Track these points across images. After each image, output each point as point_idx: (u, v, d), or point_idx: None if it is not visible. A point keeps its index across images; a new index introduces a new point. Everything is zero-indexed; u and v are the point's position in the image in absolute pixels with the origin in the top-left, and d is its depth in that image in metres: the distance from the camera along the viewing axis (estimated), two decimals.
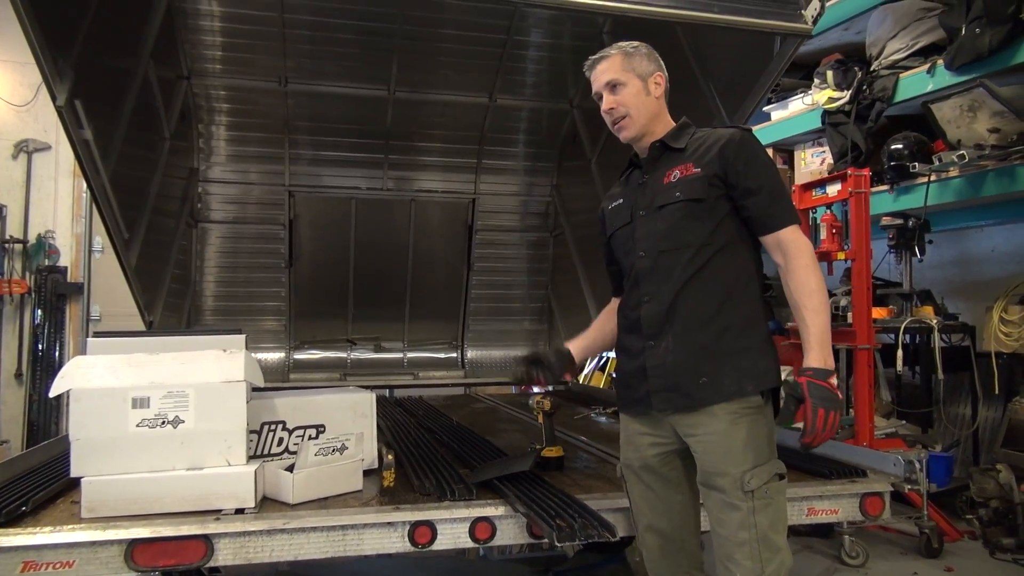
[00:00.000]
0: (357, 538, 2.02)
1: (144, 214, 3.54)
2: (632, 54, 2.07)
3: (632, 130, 2.08)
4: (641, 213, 2.05)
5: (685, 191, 1.96)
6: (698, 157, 1.99)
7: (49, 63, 2.40)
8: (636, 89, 2.05)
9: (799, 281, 1.88)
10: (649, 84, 2.07)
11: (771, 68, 3.06)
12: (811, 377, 1.79)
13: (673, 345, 1.93)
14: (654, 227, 2.01)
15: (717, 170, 1.95)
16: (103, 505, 1.95)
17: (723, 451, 1.86)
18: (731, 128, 2.05)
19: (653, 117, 2.08)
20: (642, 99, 2.06)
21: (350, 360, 4.94)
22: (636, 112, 2.06)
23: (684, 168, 2.00)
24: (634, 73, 2.06)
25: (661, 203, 2.00)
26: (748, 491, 1.82)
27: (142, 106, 3.41)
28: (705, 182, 1.95)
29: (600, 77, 2.08)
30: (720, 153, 1.96)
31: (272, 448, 2.40)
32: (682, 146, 2.04)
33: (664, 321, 1.95)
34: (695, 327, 1.92)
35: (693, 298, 1.93)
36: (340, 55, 4.08)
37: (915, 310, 4.50)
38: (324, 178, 4.65)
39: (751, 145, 2.00)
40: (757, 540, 1.81)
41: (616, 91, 2.06)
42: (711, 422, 1.87)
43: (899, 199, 4.79)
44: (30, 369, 6.00)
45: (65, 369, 2.06)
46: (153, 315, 3.71)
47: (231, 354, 2.17)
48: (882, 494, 2.37)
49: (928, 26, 4.75)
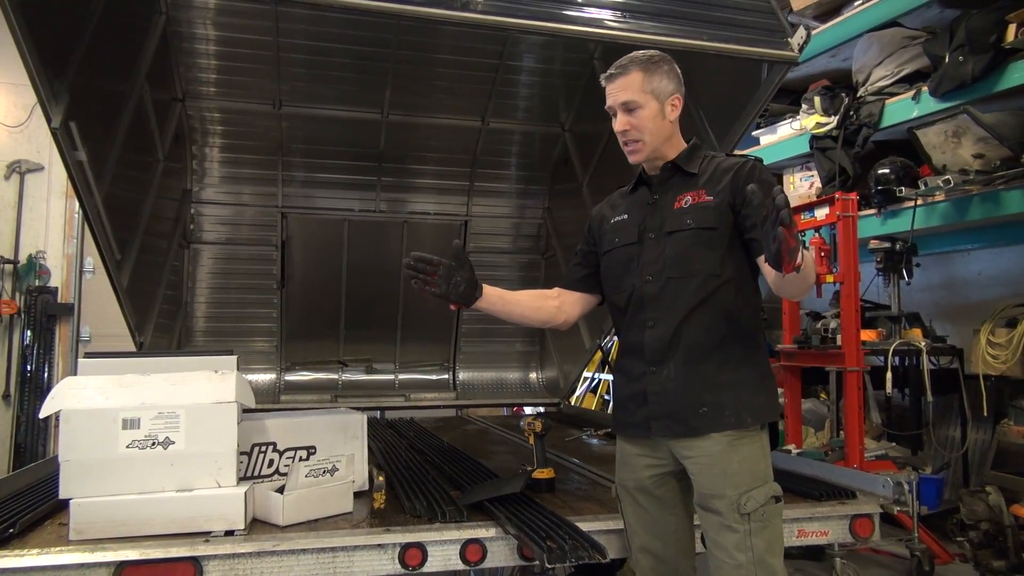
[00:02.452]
0: (347, 560, 2.01)
1: (136, 235, 3.54)
2: (653, 71, 1.98)
3: (643, 154, 2.03)
4: (650, 236, 2.01)
5: (697, 219, 1.94)
6: (710, 184, 1.97)
7: (45, 85, 2.42)
8: (653, 112, 1.98)
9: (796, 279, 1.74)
10: (666, 106, 2.00)
11: (759, 94, 3.12)
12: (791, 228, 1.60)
13: (675, 373, 1.92)
14: (663, 252, 1.97)
15: (729, 198, 1.93)
16: (92, 527, 1.94)
17: (719, 473, 1.86)
18: (742, 156, 2.03)
19: (666, 140, 2.02)
20: (658, 123, 1.99)
21: (341, 382, 4.93)
22: (650, 137, 2.00)
23: (696, 195, 1.97)
24: (653, 94, 1.98)
25: (672, 229, 1.96)
26: (744, 513, 1.82)
27: (136, 128, 3.43)
28: (717, 211, 1.93)
29: (617, 94, 2.00)
30: (732, 182, 1.94)
31: (263, 469, 2.39)
32: (695, 171, 2.01)
33: (667, 348, 1.94)
34: (698, 356, 1.91)
35: (698, 327, 1.92)
36: (334, 79, 4.13)
37: (903, 332, 4.54)
38: (317, 200, 4.67)
39: (763, 172, 1.98)
40: (754, 563, 1.80)
41: (632, 113, 1.98)
42: (708, 445, 1.88)
43: (886, 223, 4.84)
44: (18, 390, 5.96)
45: (56, 390, 2.06)
46: (144, 336, 3.69)
47: (222, 375, 2.17)
48: (871, 515, 2.38)
49: (913, 54, 4.84)
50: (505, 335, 5.19)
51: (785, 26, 2.81)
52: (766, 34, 2.81)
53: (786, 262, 1.58)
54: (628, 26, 2.66)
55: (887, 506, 2.40)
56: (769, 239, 1.57)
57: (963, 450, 4.73)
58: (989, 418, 4.66)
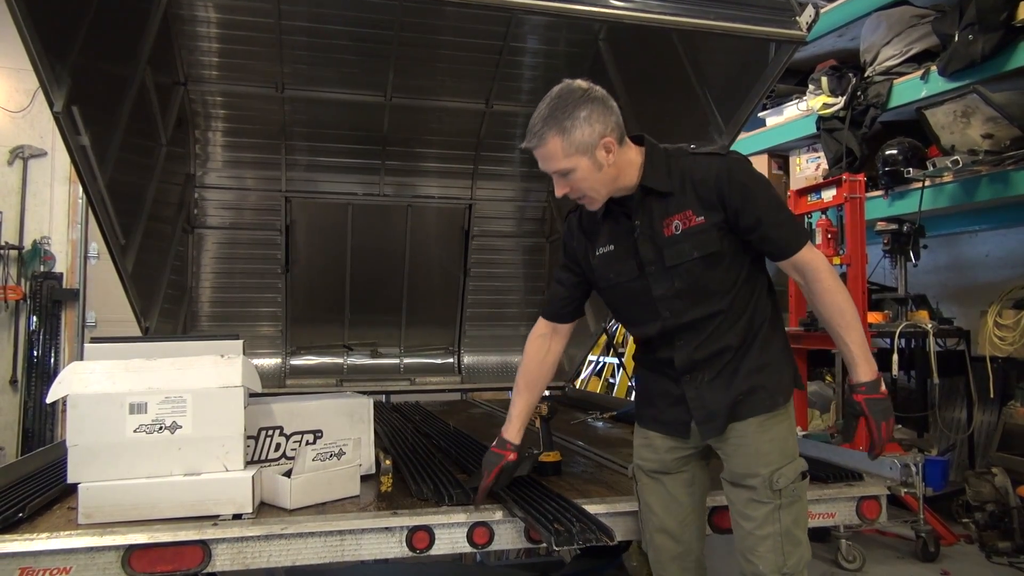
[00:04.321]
0: (355, 543, 2.01)
1: (140, 220, 3.53)
2: (570, 129, 1.81)
3: (598, 203, 1.94)
4: (651, 269, 1.93)
5: (699, 246, 1.87)
6: (693, 201, 1.87)
7: (46, 69, 2.40)
8: (586, 171, 1.85)
9: (827, 302, 1.87)
10: (598, 155, 1.84)
11: (766, 74, 3.08)
12: (866, 393, 1.84)
13: (710, 376, 1.95)
14: (672, 286, 1.92)
15: (722, 215, 1.87)
16: (100, 511, 1.95)
17: (752, 453, 1.90)
18: (713, 156, 1.91)
19: (615, 180, 1.90)
20: (596, 176, 1.87)
21: (347, 366, 4.93)
22: (593, 191, 1.90)
23: (684, 217, 1.88)
24: (577, 153, 1.83)
25: (674, 262, 1.89)
26: (776, 489, 1.87)
27: (139, 112, 3.41)
28: (714, 231, 1.87)
29: (543, 164, 1.89)
30: (718, 195, 1.86)
31: (270, 453, 2.40)
32: (669, 189, 1.90)
33: (698, 361, 1.95)
34: (729, 357, 1.93)
35: (725, 335, 1.93)
36: (337, 61, 4.09)
37: (910, 315, 4.52)
38: (321, 184, 4.65)
39: (740, 173, 1.88)
40: (781, 534, 1.86)
41: (565, 176, 1.88)
42: (741, 427, 1.92)
43: (894, 204, 4.82)
44: (25, 376, 5.98)
45: (62, 375, 2.06)
46: (149, 321, 3.69)
47: (228, 359, 2.16)
48: (878, 498, 2.38)
49: (921, 32, 4.79)
50: (510, 319, 5.19)
51: (793, 4, 2.76)
52: (774, 13, 2.77)
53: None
54: (633, 6, 2.62)
55: (894, 488, 2.40)
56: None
57: (969, 432, 4.73)
58: (995, 400, 4.66)
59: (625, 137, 1.91)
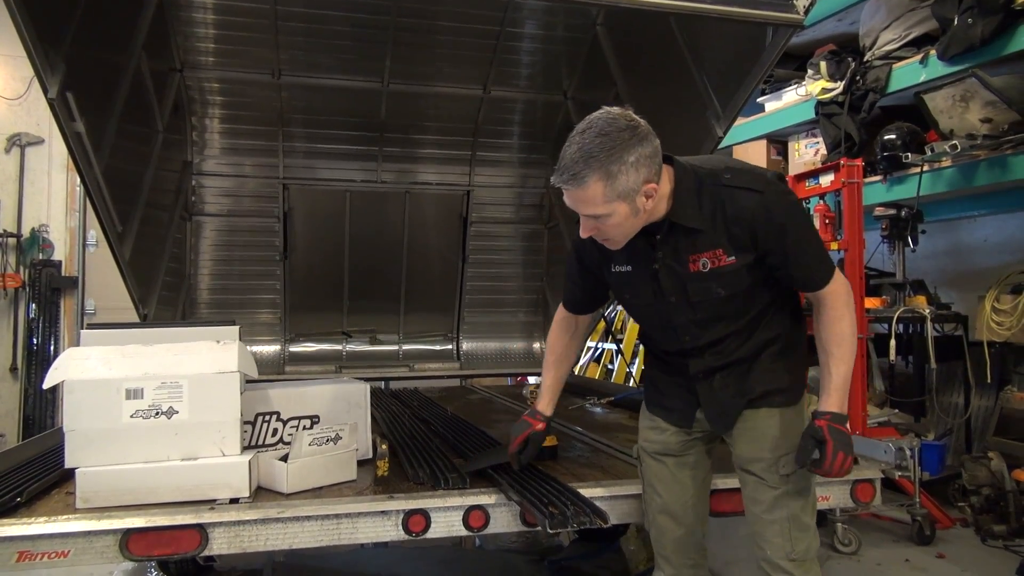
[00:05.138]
0: (351, 527, 2.03)
1: (138, 207, 3.53)
2: (615, 175, 1.67)
3: (622, 244, 1.85)
4: (671, 299, 1.89)
5: (727, 286, 1.83)
6: (724, 239, 1.79)
7: (40, 55, 2.39)
8: (622, 217, 1.74)
9: (834, 331, 1.85)
10: (638, 201, 1.72)
11: (763, 59, 3.06)
12: (830, 422, 1.81)
13: (722, 383, 1.96)
14: (693, 316, 1.90)
15: (752, 255, 1.80)
16: (97, 496, 1.96)
17: (758, 438, 1.92)
18: (751, 192, 1.77)
19: (646, 220, 1.80)
20: (630, 222, 1.76)
21: (346, 352, 4.95)
22: (621, 235, 1.81)
23: (714, 255, 1.80)
24: (618, 199, 1.70)
25: (698, 298, 1.86)
26: (783, 475, 1.88)
27: (135, 99, 3.40)
28: (744, 272, 1.82)
29: (576, 207, 1.76)
30: (751, 236, 1.77)
31: (267, 439, 2.41)
32: (698, 226, 1.80)
33: (715, 369, 1.96)
34: (747, 364, 1.93)
35: (743, 347, 1.92)
36: (334, 47, 4.08)
37: (908, 300, 4.52)
38: (318, 171, 4.64)
39: (779, 213, 1.77)
40: (788, 520, 1.87)
41: (598, 219, 1.76)
42: (749, 414, 1.94)
43: (892, 189, 4.81)
44: (25, 363, 6.00)
45: (59, 361, 2.07)
46: (148, 308, 3.70)
47: (224, 345, 2.17)
48: (873, 481, 2.39)
49: (921, 16, 4.76)
50: (508, 305, 5.19)
51: None
52: None
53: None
54: None
55: (888, 471, 2.42)
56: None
57: (966, 416, 4.75)
58: (993, 385, 4.67)
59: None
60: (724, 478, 2.22)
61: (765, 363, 1.93)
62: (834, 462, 1.78)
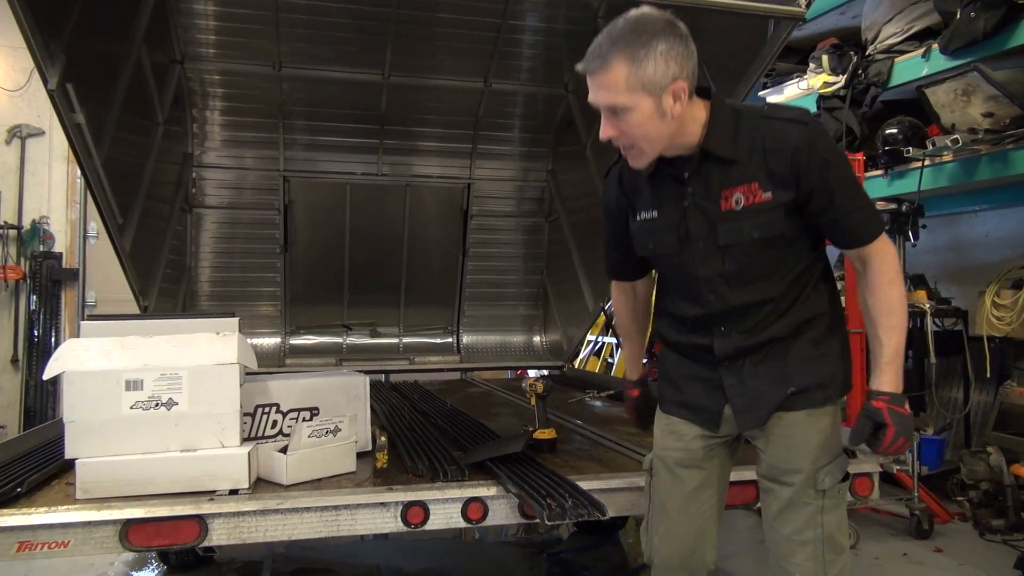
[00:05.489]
0: (350, 518, 2.03)
1: (138, 199, 3.53)
2: (643, 60, 1.51)
3: (646, 159, 1.66)
4: (699, 246, 1.70)
5: (761, 227, 1.63)
6: (761, 171, 1.62)
7: (40, 46, 2.39)
8: (646, 114, 1.56)
9: (881, 297, 1.65)
10: (665, 101, 1.55)
11: (765, 52, 3.07)
12: (889, 403, 1.62)
13: (752, 369, 1.74)
14: (721, 267, 1.69)
15: (794, 193, 1.61)
16: (97, 486, 1.97)
17: (797, 446, 1.71)
18: (792, 122, 1.61)
19: (674, 136, 1.62)
20: (654, 124, 1.57)
21: (346, 345, 4.95)
22: (647, 143, 1.62)
23: (749, 190, 1.62)
24: (644, 91, 1.53)
25: (729, 242, 1.66)
26: (820, 490, 1.68)
27: (135, 91, 3.40)
28: (782, 212, 1.62)
29: (597, 95, 1.59)
30: (793, 170, 1.60)
31: (266, 430, 2.42)
32: (732, 156, 1.63)
33: (743, 350, 1.74)
34: (780, 348, 1.72)
35: (776, 324, 1.71)
36: (334, 39, 4.07)
37: (908, 295, 4.52)
38: (319, 163, 4.64)
39: (824, 147, 1.62)
40: (822, 540, 1.68)
41: (619, 116, 1.58)
42: (787, 416, 1.72)
43: (893, 184, 4.80)
44: (26, 355, 6.01)
45: (59, 352, 2.07)
46: (148, 300, 3.71)
47: (224, 337, 2.18)
48: (871, 475, 2.39)
49: (923, 10, 4.74)
50: (509, 299, 5.20)
51: None
52: None
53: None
54: None
55: (887, 465, 2.42)
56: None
57: (965, 411, 4.75)
58: (992, 379, 4.67)
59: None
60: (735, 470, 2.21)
61: (804, 349, 1.71)
62: (892, 446, 1.62)
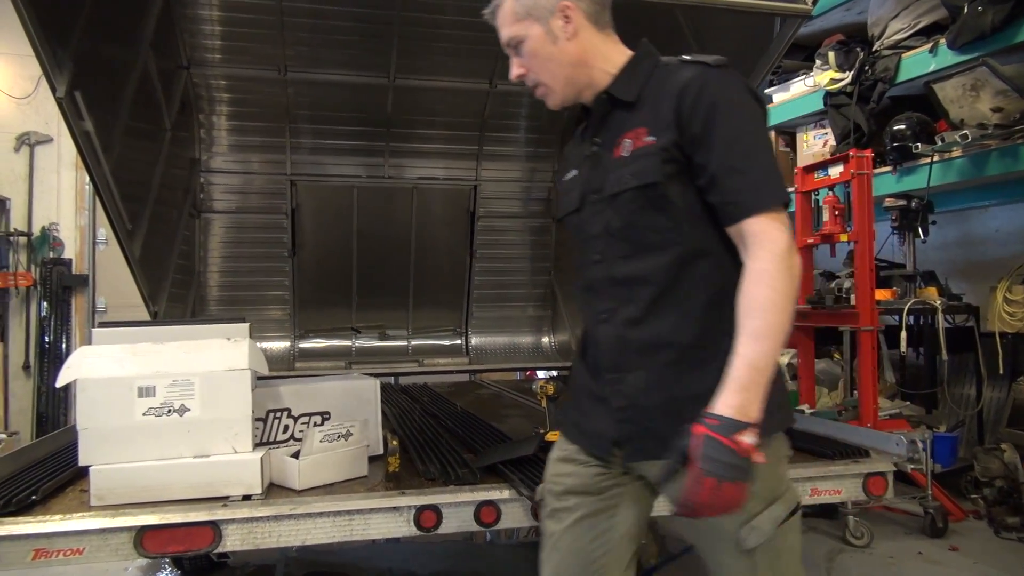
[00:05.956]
0: (363, 523, 2.03)
1: (147, 205, 3.54)
2: None
3: (555, 98, 1.56)
4: (593, 198, 1.51)
5: (638, 173, 1.41)
6: (651, 114, 1.43)
7: (48, 54, 2.40)
8: (537, 40, 1.49)
9: (746, 292, 1.30)
10: (553, 25, 1.48)
11: (771, 49, 3.06)
12: (711, 430, 1.23)
13: (646, 381, 1.42)
14: (607, 223, 1.47)
15: (674, 135, 1.38)
16: (112, 493, 1.97)
17: None
18: (695, 64, 1.43)
19: (577, 66, 1.50)
20: (549, 52, 1.49)
21: (355, 348, 4.95)
22: (547, 75, 1.52)
23: (636, 135, 1.43)
24: (530, 18, 1.48)
25: (613, 190, 1.46)
26: (747, 550, 1.37)
27: (142, 97, 3.40)
28: (659, 158, 1.39)
29: (500, 34, 1.56)
30: (675, 112, 1.38)
31: (278, 435, 2.42)
32: (631, 98, 1.47)
33: (627, 350, 1.44)
34: (675, 358, 1.40)
35: (667, 319, 1.41)
36: (339, 43, 4.07)
37: (919, 291, 4.50)
38: (326, 167, 4.64)
39: (716, 90, 1.38)
40: None
41: (518, 51, 1.53)
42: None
43: (902, 180, 4.77)
44: (37, 361, 6.04)
45: (71, 359, 2.08)
46: (158, 306, 3.72)
47: (235, 342, 2.18)
48: (885, 474, 2.38)
49: (930, 5, 4.72)
50: (517, 300, 5.19)
51: None
52: None
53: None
54: None
55: (901, 464, 2.40)
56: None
57: (978, 408, 4.72)
58: (1005, 376, 4.64)
59: (608, 27, 1.55)
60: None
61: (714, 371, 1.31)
62: (698, 492, 1.21)
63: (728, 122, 1.36)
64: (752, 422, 1.24)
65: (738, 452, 1.21)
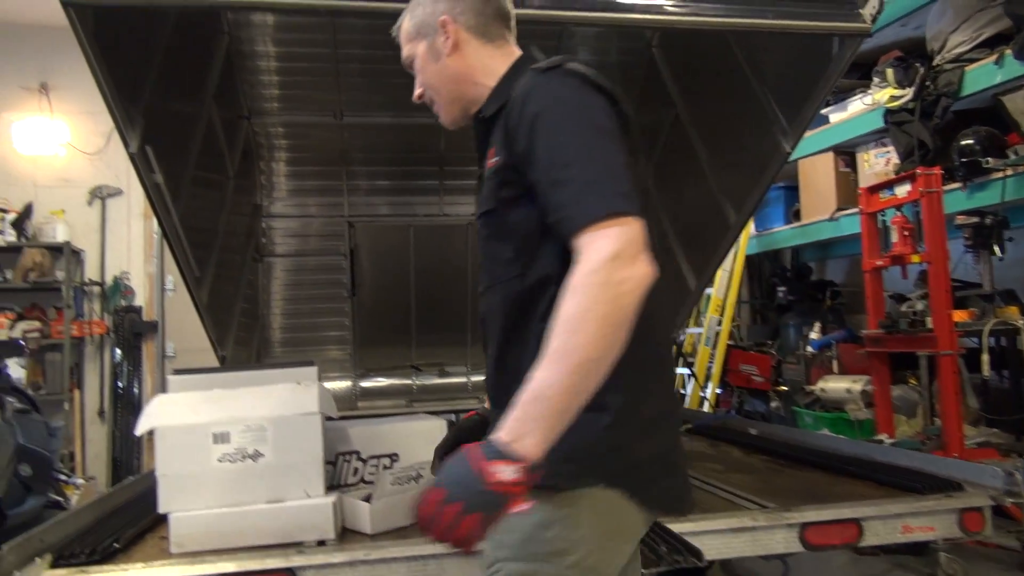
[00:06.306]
0: (438, 567, 1.99)
1: (213, 252, 3.64)
2: (415, 8, 1.47)
3: (444, 116, 1.52)
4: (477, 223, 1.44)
5: (482, 200, 1.37)
6: (500, 133, 1.33)
7: (121, 111, 2.50)
8: (423, 58, 1.46)
9: (563, 306, 1.11)
10: (436, 41, 1.43)
11: (831, 70, 2.98)
12: (474, 451, 1.09)
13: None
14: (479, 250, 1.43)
15: (506, 155, 1.28)
16: (191, 539, 1.99)
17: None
18: (532, 71, 1.30)
19: (458, 82, 1.44)
20: (432, 69, 1.45)
21: (415, 386, 4.97)
22: (435, 92, 1.48)
23: (491, 155, 1.35)
24: (419, 36, 1.46)
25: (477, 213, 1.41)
26: None
27: (207, 147, 3.52)
28: (495, 181, 1.31)
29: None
30: (505, 127, 1.29)
31: (348, 478, 2.42)
32: (490, 114, 1.38)
33: (493, 386, 1.41)
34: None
35: (517, 358, 1.28)
36: (391, 87, 4.14)
37: (998, 311, 4.28)
38: (381, 207, 4.72)
39: (538, 98, 1.24)
40: None
41: (414, 71, 1.52)
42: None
43: (973, 196, 4.59)
44: (112, 406, 6.22)
45: (149, 408, 2.12)
46: (225, 350, 3.80)
47: (305, 386, 2.19)
48: (982, 509, 2.24)
49: (991, 16, 4.57)
50: None
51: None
52: (834, 6, 2.69)
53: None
54: (687, 9, 2.58)
55: (998, 498, 2.26)
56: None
57: None
58: None
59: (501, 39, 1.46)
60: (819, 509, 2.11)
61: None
62: (436, 515, 1.05)
63: (549, 131, 1.21)
64: (521, 457, 1.06)
65: (481, 480, 1.05)
